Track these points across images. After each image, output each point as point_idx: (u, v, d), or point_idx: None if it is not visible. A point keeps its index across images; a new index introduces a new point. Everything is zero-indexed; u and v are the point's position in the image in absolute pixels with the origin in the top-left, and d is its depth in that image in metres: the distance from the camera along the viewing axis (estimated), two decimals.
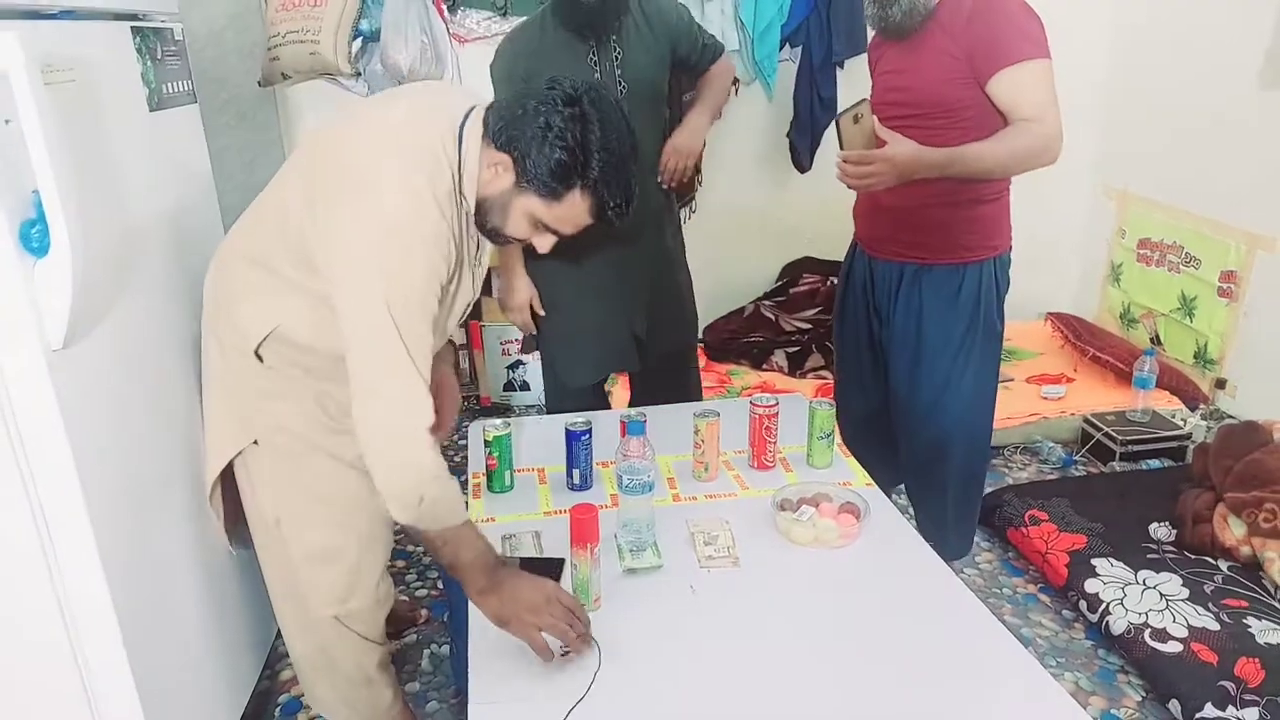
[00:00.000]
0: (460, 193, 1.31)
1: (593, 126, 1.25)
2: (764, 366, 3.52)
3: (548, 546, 1.51)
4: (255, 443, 1.50)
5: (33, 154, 1.06)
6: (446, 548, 1.27)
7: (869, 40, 2.11)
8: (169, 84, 1.56)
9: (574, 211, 1.31)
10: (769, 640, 1.31)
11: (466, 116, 1.31)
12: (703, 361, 3.63)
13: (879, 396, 2.14)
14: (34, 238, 1.10)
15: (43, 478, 1.18)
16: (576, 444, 1.69)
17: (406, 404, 1.22)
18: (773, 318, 3.68)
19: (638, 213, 2.03)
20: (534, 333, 2.19)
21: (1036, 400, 3.19)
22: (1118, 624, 2.05)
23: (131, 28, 1.44)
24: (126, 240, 1.38)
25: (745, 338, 3.62)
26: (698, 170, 3.70)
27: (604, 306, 2.15)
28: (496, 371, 3.50)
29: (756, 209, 3.74)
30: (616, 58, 2.02)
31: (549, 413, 2.25)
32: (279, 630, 1.84)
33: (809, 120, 3.42)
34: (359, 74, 3.04)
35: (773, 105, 3.57)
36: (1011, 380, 3.34)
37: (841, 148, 1.78)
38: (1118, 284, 3.75)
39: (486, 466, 1.72)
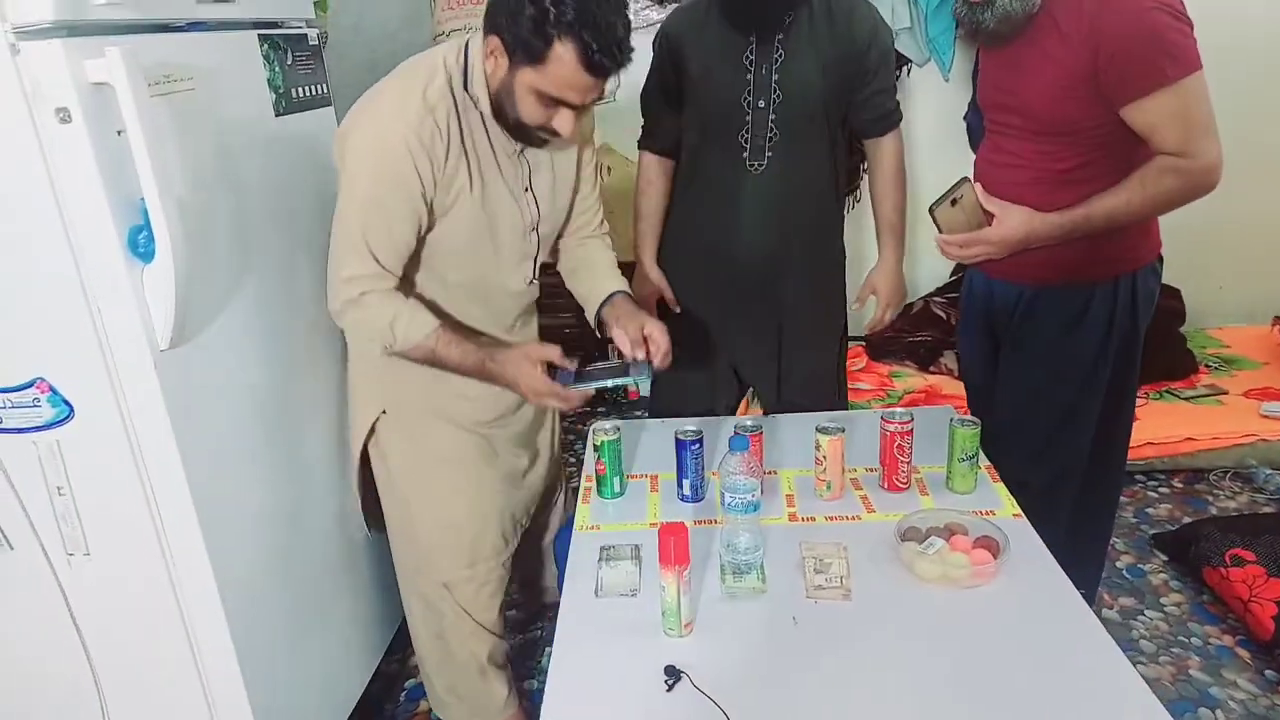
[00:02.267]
0: (469, 93, 1.40)
1: None
2: (931, 369, 3.27)
3: (648, 560, 1.45)
4: (384, 413, 1.60)
5: (137, 163, 1.11)
6: (440, 362, 1.48)
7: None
8: (299, 88, 1.61)
9: (564, 69, 1.29)
10: (873, 689, 1.18)
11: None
12: (863, 361, 3.44)
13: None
14: (141, 243, 1.15)
15: (154, 470, 1.25)
16: (686, 453, 1.60)
17: (352, 278, 1.40)
18: (944, 315, 3.41)
19: (758, 258, 1.88)
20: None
21: (1254, 418, 2.76)
22: None
23: (259, 35, 1.49)
24: (243, 243, 1.43)
25: (912, 336, 3.38)
26: (863, 158, 3.47)
27: (710, 343, 1.97)
28: None
29: (931, 197, 3.47)
30: (777, 60, 1.77)
31: (650, 415, 2.12)
32: None
33: None
34: None
35: (949, 85, 3.30)
36: (1225, 393, 2.92)
37: (940, 233, 1.63)
38: None
39: (595, 471, 1.67)
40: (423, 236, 1.45)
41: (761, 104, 1.79)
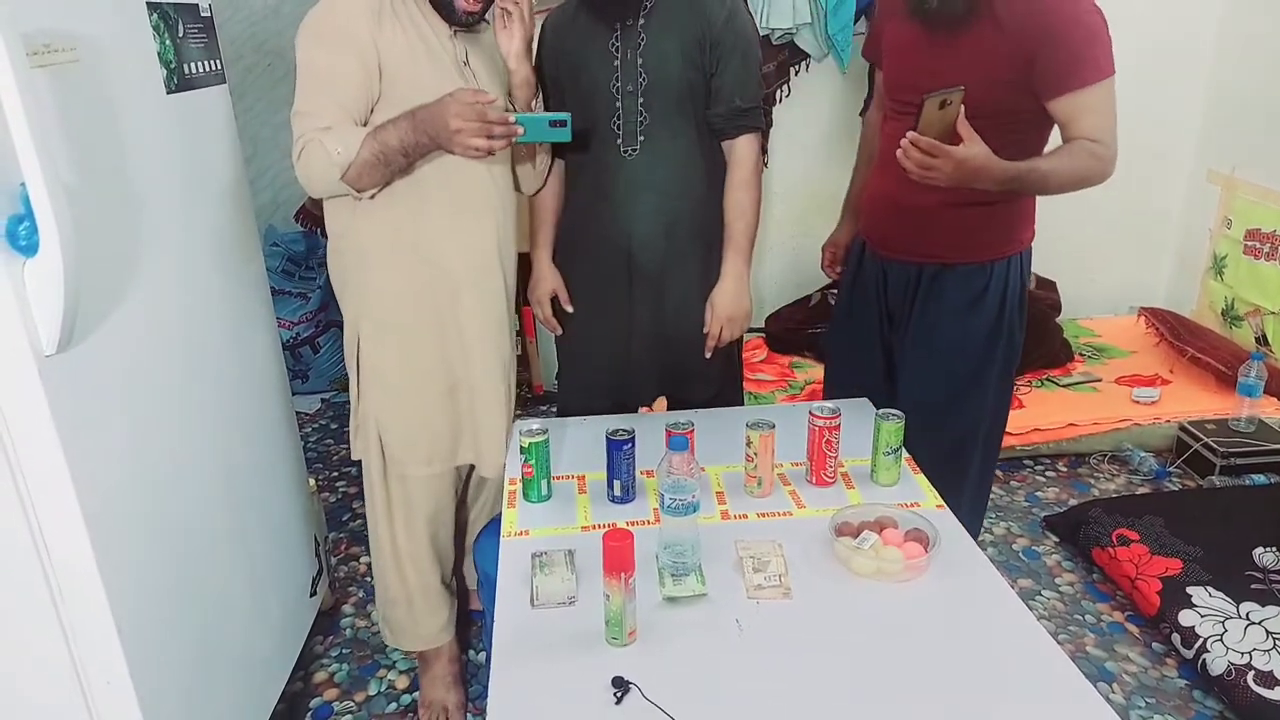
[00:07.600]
0: None
1: None
2: None
3: (582, 566, 1.40)
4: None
5: (16, 143, 0.97)
6: (386, 152, 1.48)
7: (876, 9, 1.89)
8: (192, 63, 1.47)
9: None
10: (823, 690, 1.17)
11: None
12: (764, 353, 3.48)
13: (884, 399, 1.97)
14: (22, 235, 1.01)
15: (37, 489, 1.11)
16: (618, 454, 1.56)
17: (300, 137, 1.48)
18: None
19: (638, 244, 1.86)
20: (556, 331, 2.02)
21: (1127, 404, 2.94)
22: (1216, 663, 1.85)
23: (148, 3, 1.35)
24: (135, 233, 1.29)
25: (811, 328, 3.44)
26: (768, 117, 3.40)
27: (612, 341, 1.94)
28: (550, 359, 3.39)
29: (828, 192, 3.53)
30: (640, 44, 1.77)
31: (559, 414, 2.07)
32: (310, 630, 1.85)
33: None
34: None
35: (846, 81, 3.36)
36: (1100, 381, 3.10)
37: (915, 128, 1.55)
38: (1220, 278, 3.45)
39: (522, 474, 1.61)
40: (374, 106, 1.53)
41: (630, 88, 1.79)
